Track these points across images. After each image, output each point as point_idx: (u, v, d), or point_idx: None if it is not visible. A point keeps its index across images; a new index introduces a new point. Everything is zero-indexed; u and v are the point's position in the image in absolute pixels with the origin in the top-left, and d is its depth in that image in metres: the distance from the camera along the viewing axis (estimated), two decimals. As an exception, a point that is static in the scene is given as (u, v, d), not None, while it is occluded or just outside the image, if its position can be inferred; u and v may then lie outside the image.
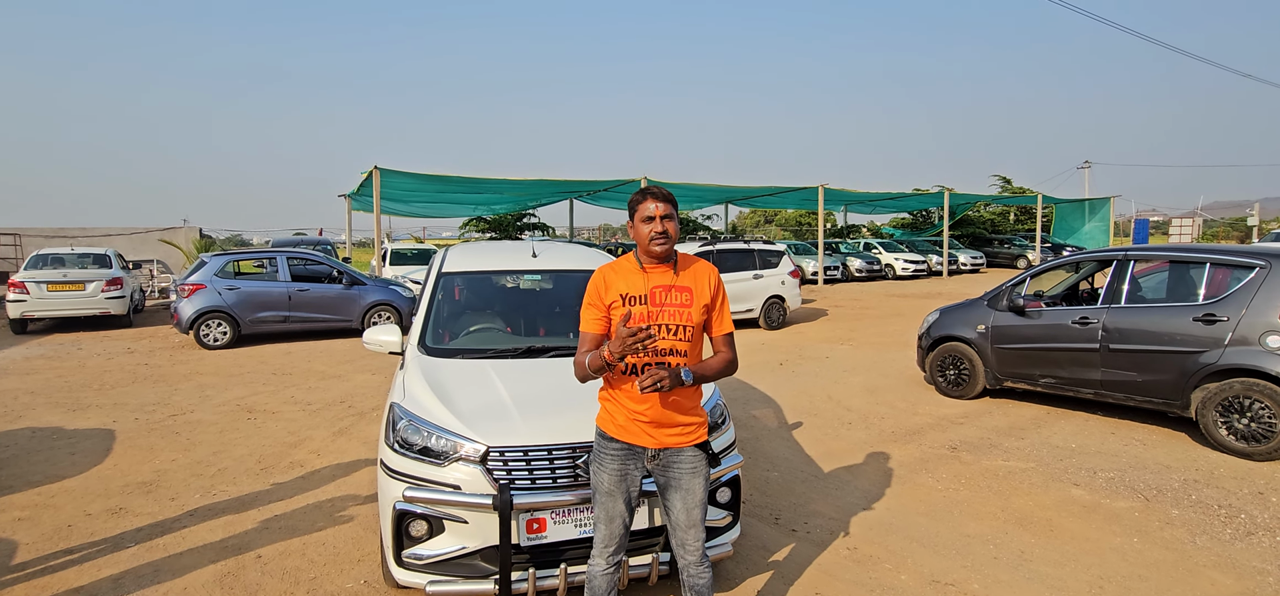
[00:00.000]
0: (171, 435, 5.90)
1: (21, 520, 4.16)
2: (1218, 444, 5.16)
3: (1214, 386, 5.18)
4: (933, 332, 7.23)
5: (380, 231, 16.22)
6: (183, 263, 19.85)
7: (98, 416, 6.53)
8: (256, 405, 6.93)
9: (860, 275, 24.23)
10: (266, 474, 4.93)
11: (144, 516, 4.20)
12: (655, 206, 2.35)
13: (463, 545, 2.78)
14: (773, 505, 4.31)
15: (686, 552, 2.47)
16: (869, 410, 6.59)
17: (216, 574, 3.50)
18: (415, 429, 2.96)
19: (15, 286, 11.84)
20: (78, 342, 11.20)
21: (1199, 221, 44.98)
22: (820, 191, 22.73)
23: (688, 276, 2.44)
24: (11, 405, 6.99)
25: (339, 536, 3.90)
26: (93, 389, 7.73)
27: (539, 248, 4.68)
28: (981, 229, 34.22)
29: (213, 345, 10.42)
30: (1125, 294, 5.84)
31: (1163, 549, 3.70)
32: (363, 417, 6.41)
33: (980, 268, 27.92)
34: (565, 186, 21.03)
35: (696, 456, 2.45)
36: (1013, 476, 4.78)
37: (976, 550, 3.70)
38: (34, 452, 5.44)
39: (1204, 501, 4.29)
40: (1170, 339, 5.44)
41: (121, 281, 12.71)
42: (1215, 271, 5.50)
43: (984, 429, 5.89)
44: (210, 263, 11.02)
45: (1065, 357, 6.08)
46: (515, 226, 25.10)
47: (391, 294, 11.83)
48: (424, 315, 3.90)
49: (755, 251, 12.74)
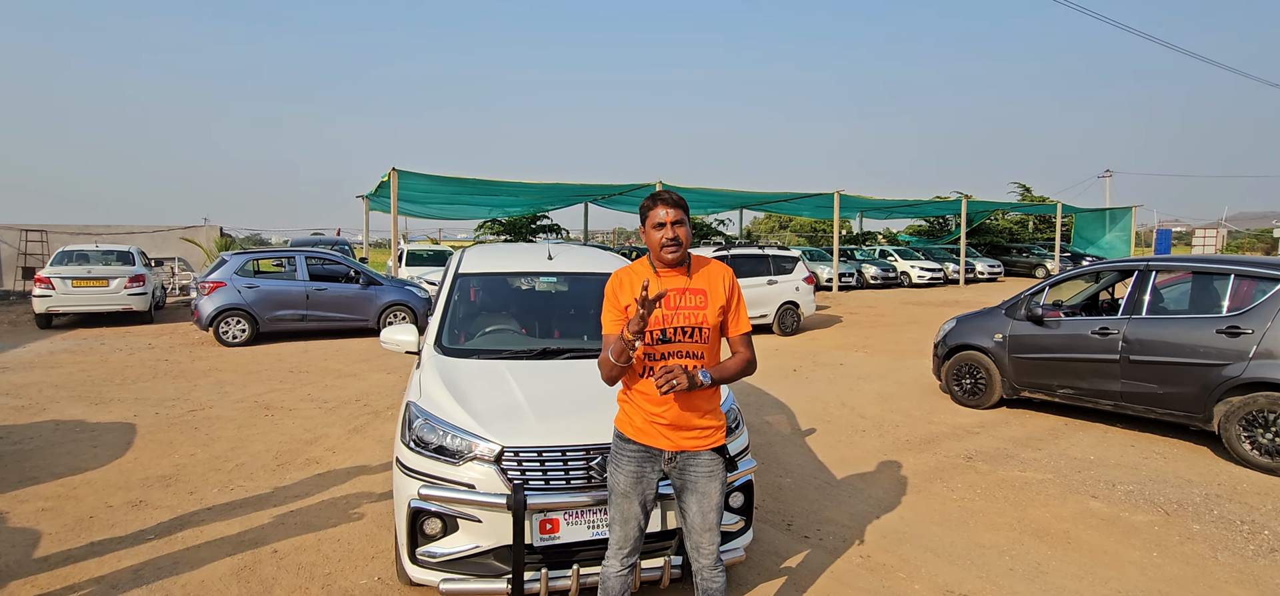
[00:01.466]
0: (191, 430, 5.98)
1: (45, 510, 4.24)
2: (1241, 459, 5.07)
3: (1238, 400, 5.09)
4: (949, 341, 7.16)
5: (397, 232, 16.36)
6: (203, 261, 20.13)
7: (119, 410, 6.64)
8: (274, 402, 7.02)
9: (875, 282, 24.06)
10: (283, 470, 4.99)
11: (163, 509, 4.26)
12: (665, 212, 2.36)
13: (476, 544, 2.79)
14: (786, 511, 4.29)
15: (701, 556, 2.47)
16: (883, 418, 6.54)
17: (233, 567, 3.55)
18: (431, 428, 2.99)
19: (41, 281, 12.08)
20: (100, 338, 11.39)
21: (1223, 233, 44.19)
22: (836, 197, 22.62)
23: (701, 279, 2.45)
24: (36, 397, 7.13)
25: (353, 533, 3.94)
26: (115, 383, 7.86)
27: (554, 250, 4.70)
28: (999, 237, 33.87)
29: (231, 342, 10.56)
30: (1146, 304, 5.76)
31: (1183, 563, 3.64)
32: (378, 416, 6.47)
33: (998, 276, 27.60)
34: (580, 190, 21.09)
35: (714, 460, 2.45)
36: (1029, 487, 4.73)
37: (992, 561, 3.66)
38: (57, 445, 5.54)
39: (1226, 516, 4.22)
40: (1193, 351, 5.35)
41: (144, 278, 12.93)
42: (1240, 283, 5.40)
43: (1000, 439, 5.83)
44: (230, 261, 11.18)
45: (1084, 368, 6.00)
46: (529, 229, 25.22)
47: (407, 294, 11.93)
48: (441, 315, 3.93)
49: (769, 257, 12.70)
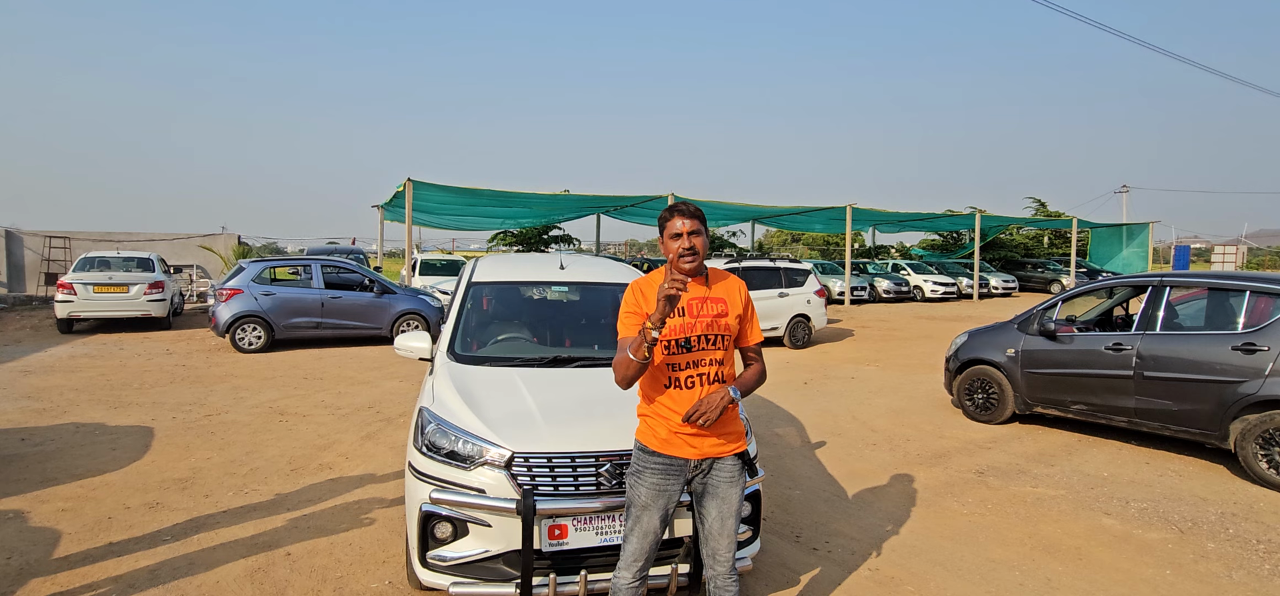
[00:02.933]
0: (207, 434, 6.07)
1: (65, 511, 4.32)
2: (1257, 477, 5.00)
3: (1254, 418, 5.03)
4: (961, 355, 7.13)
5: (411, 242, 16.53)
6: (221, 268, 20.41)
7: (138, 414, 6.75)
8: (288, 408, 7.11)
9: (888, 296, 23.94)
10: (297, 475, 5.06)
11: (180, 511, 4.34)
12: (683, 223, 2.40)
13: (486, 548, 2.82)
14: (794, 523, 4.29)
15: (717, 563, 2.48)
16: (894, 432, 6.52)
17: (247, 569, 3.60)
18: (443, 433, 3.03)
19: (64, 287, 12.31)
20: (120, 343, 11.58)
21: (1243, 249, 43.54)
22: (848, 211, 22.59)
23: (720, 289, 2.51)
24: (57, 400, 7.27)
25: (365, 537, 3.98)
26: (133, 388, 8.00)
27: (566, 260, 4.75)
28: (1014, 252, 33.59)
29: (247, 349, 10.70)
30: (1161, 320, 5.71)
31: (1197, 582, 3.60)
32: (390, 423, 6.53)
33: (1012, 292, 27.35)
34: (592, 201, 21.21)
35: (736, 465, 2.48)
36: (1041, 503, 4.69)
37: (1002, 576, 3.64)
38: (77, 447, 5.65)
39: (1242, 535, 4.17)
40: (1208, 367, 5.30)
41: (163, 285, 13.13)
42: (1257, 299, 5.35)
43: (1012, 454, 5.79)
44: (247, 268, 11.35)
45: (1098, 384, 5.96)
46: (542, 240, 25.35)
47: (420, 303, 12.04)
48: (454, 323, 3.99)
49: (781, 269, 12.69)
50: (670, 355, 2.40)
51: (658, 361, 2.40)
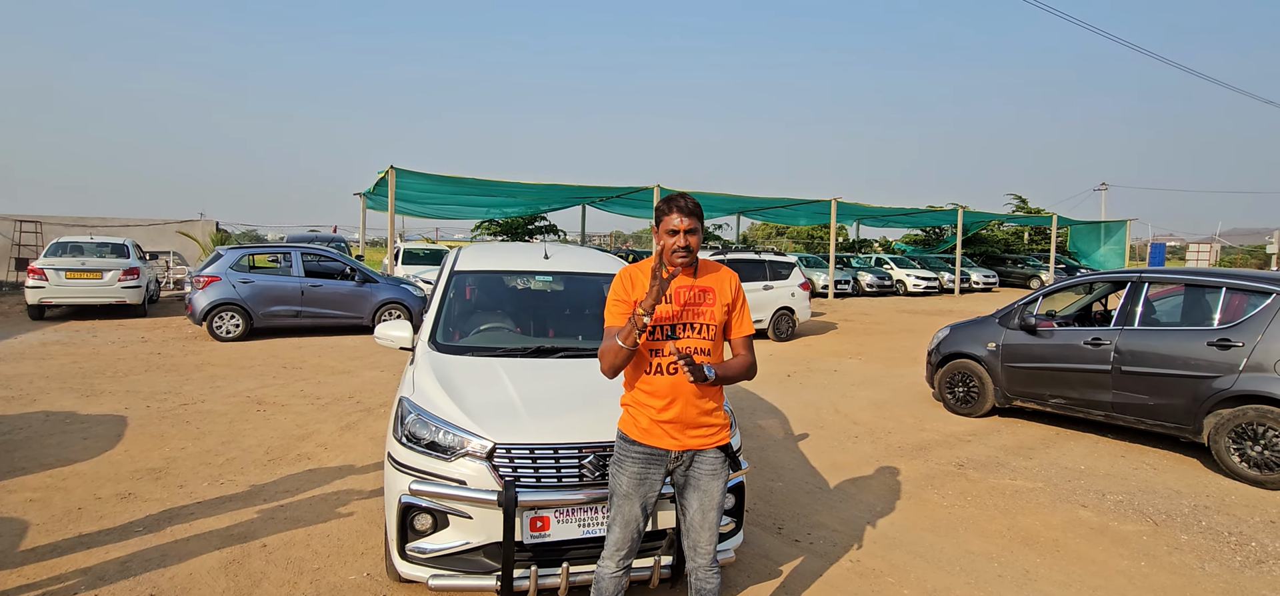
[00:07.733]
0: (182, 424, 5.96)
1: (33, 501, 4.21)
2: (1230, 471, 5.10)
3: (1227, 412, 5.12)
4: (943, 349, 7.19)
5: (394, 230, 16.34)
6: (199, 255, 20.07)
7: (110, 403, 6.61)
8: (266, 397, 7.00)
9: (871, 290, 24.10)
10: (274, 465, 4.98)
11: (153, 502, 4.25)
12: (680, 220, 2.37)
13: (466, 540, 2.79)
14: (776, 515, 4.30)
15: (698, 555, 2.48)
16: (876, 424, 6.56)
17: (222, 560, 3.53)
18: (423, 423, 2.99)
19: (34, 273, 12.02)
20: (93, 330, 11.34)
21: (1217, 247, 44.38)
22: (833, 205, 22.69)
23: (709, 279, 2.50)
24: (27, 389, 7.09)
25: (343, 528, 3.93)
26: (106, 376, 7.83)
27: (550, 250, 4.71)
28: (995, 248, 33.98)
29: (225, 337, 10.53)
30: (1139, 316, 5.79)
31: (1170, 573, 3.66)
32: (370, 413, 6.46)
33: (992, 286, 27.70)
34: (578, 192, 21.10)
35: (718, 458, 2.47)
36: (1020, 496, 4.74)
37: (981, 567, 3.67)
38: (47, 436, 5.51)
39: (1214, 528, 4.24)
40: (1184, 363, 5.38)
41: (138, 271, 12.86)
42: (1231, 296, 5.44)
43: (992, 447, 5.85)
44: (226, 255, 11.15)
45: (1076, 378, 6.03)
46: (526, 230, 25.21)
47: (403, 292, 11.91)
48: (436, 312, 3.93)
49: (766, 262, 12.73)
50: (654, 341, 2.39)
51: (642, 346, 2.38)
